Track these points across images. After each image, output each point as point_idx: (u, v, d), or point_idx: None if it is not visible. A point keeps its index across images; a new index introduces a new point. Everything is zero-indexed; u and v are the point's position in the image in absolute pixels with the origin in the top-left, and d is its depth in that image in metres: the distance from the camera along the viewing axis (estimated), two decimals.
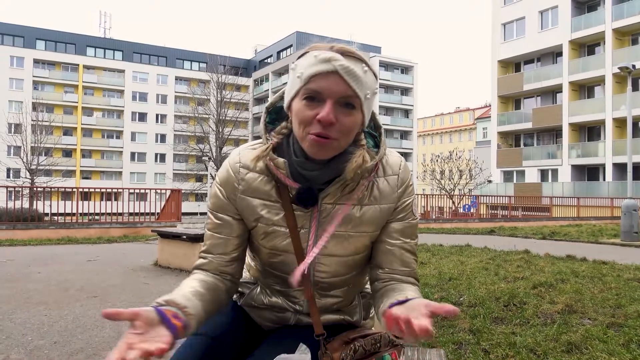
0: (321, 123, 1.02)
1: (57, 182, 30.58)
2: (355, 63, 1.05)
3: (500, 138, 36.96)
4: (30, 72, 53.83)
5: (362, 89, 1.05)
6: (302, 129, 1.05)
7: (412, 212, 1.21)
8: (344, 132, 1.05)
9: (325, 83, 1.03)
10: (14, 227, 11.70)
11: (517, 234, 13.91)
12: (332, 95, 1.03)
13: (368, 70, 1.08)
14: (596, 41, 31.62)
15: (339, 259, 1.17)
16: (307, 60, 1.06)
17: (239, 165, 1.17)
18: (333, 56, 1.03)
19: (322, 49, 1.06)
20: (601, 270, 6.33)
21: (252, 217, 1.17)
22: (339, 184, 1.11)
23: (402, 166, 1.20)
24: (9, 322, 3.95)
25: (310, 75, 1.03)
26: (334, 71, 1.02)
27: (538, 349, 3.12)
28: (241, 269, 1.27)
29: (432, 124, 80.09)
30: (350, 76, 1.03)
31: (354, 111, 1.06)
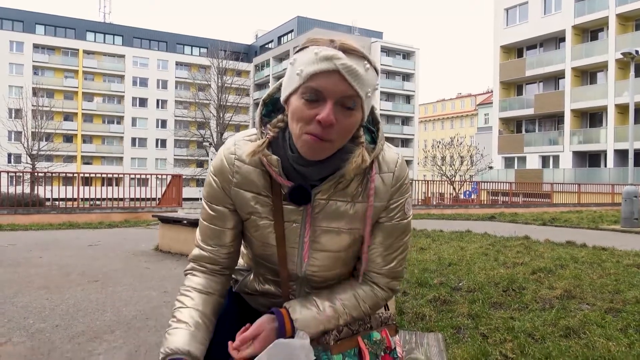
0: (321, 124, 0.99)
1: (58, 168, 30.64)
2: (357, 61, 1.01)
3: (501, 124, 36.84)
4: (30, 57, 53.58)
5: (363, 87, 1.02)
6: (300, 128, 1.02)
7: (403, 212, 1.19)
8: (343, 133, 1.03)
9: (326, 82, 0.99)
10: (15, 212, 11.73)
11: (518, 220, 13.92)
12: (333, 95, 1.00)
13: (370, 68, 1.04)
14: (600, 26, 31.37)
15: (330, 254, 1.17)
16: (307, 56, 1.01)
17: (234, 157, 1.15)
18: (335, 54, 0.99)
19: (322, 43, 1.02)
20: (601, 257, 6.35)
21: (246, 210, 1.17)
22: (333, 181, 1.10)
23: (398, 164, 1.17)
24: (10, 306, 3.98)
25: (311, 74, 1.00)
26: (336, 70, 0.99)
27: (536, 334, 3.14)
28: (237, 260, 1.27)
29: (433, 109, 79.81)
30: (352, 76, 0.99)
31: (354, 111, 1.03)
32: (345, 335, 1.16)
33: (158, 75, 59.37)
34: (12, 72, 52.49)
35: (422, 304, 3.89)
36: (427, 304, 3.90)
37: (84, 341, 3.16)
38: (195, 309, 1.14)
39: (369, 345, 1.17)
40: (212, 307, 1.18)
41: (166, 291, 4.58)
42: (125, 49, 58.36)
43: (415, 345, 1.66)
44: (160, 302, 4.19)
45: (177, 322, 1.12)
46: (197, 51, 61.89)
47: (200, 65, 56.14)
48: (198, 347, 1.09)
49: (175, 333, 1.10)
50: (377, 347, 1.18)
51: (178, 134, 55.26)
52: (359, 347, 1.16)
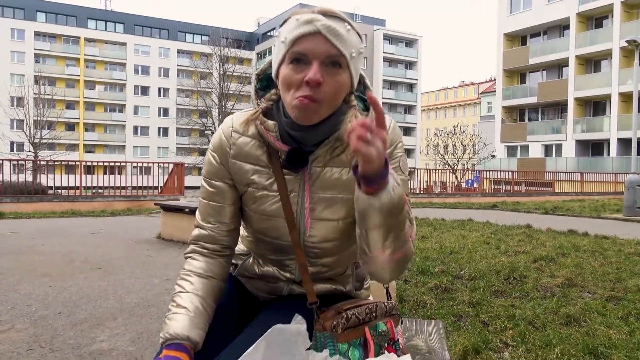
0: (309, 84, 1.02)
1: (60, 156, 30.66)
2: (338, 22, 1.05)
3: (504, 112, 36.70)
4: (32, 44, 53.40)
5: (346, 47, 1.05)
6: (289, 94, 1.06)
7: (399, 168, 1.17)
8: (332, 93, 1.05)
9: (310, 44, 1.03)
10: (18, 200, 11.77)
11: (520, 208, 13.93)
12: (318, 55, 1.03)
13: (351, 30, 1.07)
14: (604, 14, 31.10)
15: (328, 223, 1.16)
16: (290, 24, 1.06)
17: (231, 129, 1.18)
18: (315, 17, 1.04)
19: (303, 12, 1.06)
20: (602, 245, 6.36)
21: (243, 181, 1.18)
22: (328, 146, 1.11)
23: (391, 127, 1.17)
24: (14, 293, 4.01)
25: (294, 39, 1.03)
26: (317, 31, 1.02)
27: (537, 322, 3.15)
28: (237, 239, 1.27)
29: (436, 98, 79.50)
30: (334, 35, 1.03)
31: (340, 70, 1.05)
32: (353, 325, 1.16)
33: (160, 63, 59.18)
34: (13, 60, 52.34)
35: (423, 291, 3.90)
36: (428, 291, 3.91)
37: (86, 328, 3.18)
38: (195, 294, 1.15)
39: (374, 336, 1.17)
40: (212, 292, 1.18)
41: (168, 279, 4.60)
42: (126, 36, 58.12)
43: (416, 332, 1.66)
44: (162, 289, 4.21)
45: (176, 307, 1.13)
46: (198, 39, 61.60)
47: (202, 53, 55.89)
48: (197, 332, 1.10)
49: (174, 318, 1.10)
50: (382, 339, 1.19)
51: (180, 122, 55.18)
52: (365, 338, 1.17)
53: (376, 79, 56.33)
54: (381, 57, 56.85)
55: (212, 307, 1.17)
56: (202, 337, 1.11)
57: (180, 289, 1.16)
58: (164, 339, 1.08)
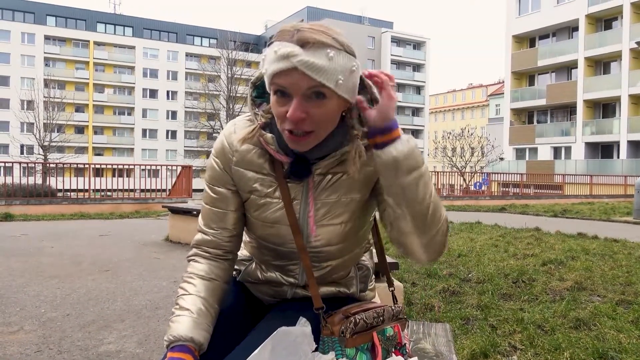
0: (291, 121, 1.00)
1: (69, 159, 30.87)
2: (317, 52, 0.98)
3: (513, 115, 36.52)
4: (42, 48, 53.87)
5: (329, 77, 0.98)
6: (279, 124, 1.05)
7: None
8: (320, 123, 1.03)
9: (288, 81, 0.99)
10: (27, 203, 11.87)
11: (529, 211, 13.84)
12: (297, 91, 0.99)
13: (335, 54, 0.99)
14: (613, 15, 30.88)
15: (331, 227, 1.16)
16: (270, 55, 1.01)
17: (234, 136, 1.17)
18: (291, 51, 0.97)
19: (285, 38, 1.00)
20: (612, 248, 6.30)
21: (246, 189, 1.18)
22: (334, 159, 1.11)
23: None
24: (23, 295, 4.03)
25: (272, 74, 1.00)
26: (294, 67, 0.97)
27: (546, 325, 3.12)
28: (239, 244, 1.27)
29: (444, 100, 79.27)
30: (312, 70, 0.97)
31: (325, 100, 1.01)
32: (361, 329, 1.16)
33: (168, 67, 59.49)
34: (24, 64, 52.81)
35: (431, 294, 3.88)
36: (436, 294, 3.89)
37: (94, 330, 3.19)
38: (197, 296, 1.15)
39: (382, 341, 1.17)
40: (215, 294, 1.18)
41: (176, 281, 4.61)
42: (135, 40, 58.49)
43: (423, 335, 1.65)
44: (169, 291, 4.22)
45: (180, 309, 1.13)
46: (206, 42, 61.87)
47: (210, 56, 56.11)
48: (201, 334, 1.10)
49: (178, 320, 1.10)
50: (390, 343, 1.19)
51: (188, 125, 55.39)
52: (373, 342, 1.16)
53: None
54: (389, 59, 56.82)
55: (215, 308, 1.17)
56: (207, 339, 1.11)
57: (183, 292, 1.16)
58: (168, 341, 1.08)
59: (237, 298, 1.30)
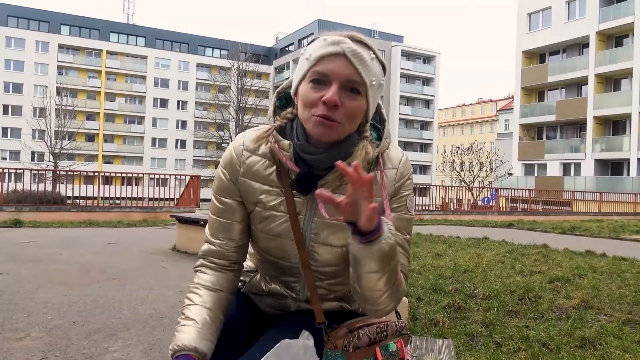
0: (326, 105, 1.04)
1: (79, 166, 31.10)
2: (363, 49, 1.07)
3: (522, 130, 36.43)
4: (55, 57, 54.56)
5: (368, 74, 1.07)
6: (307, 111, 1.08)
7: (406, 207, 1.20)
8: (348, 116, 1.07)
9: (333, 65, 1.05)
10: (37, 209, 11.97)
11: (537, 228, 13.75)
12: (339, 77, 1.05)
13: (375, 59, 1.09)
14: (625, 32, 30.85)
15: (332, 248, 1.18)
16: (317, 43, 1.09)
17: (242, 147, 1.19)
18: (342, 40, 1.06)
19: (332, 34, 1.09)
20: (620, 267, 6.25)
21: (252, 200, 1.20)
22: (338, 172, 1.11)
23: (402, 161, 1.20)
24: (30, 301, 4.06)
25: (319, 57, 1.06)
26: (342, 53, 1.05)
27: (551, 344, 3.10)
28: (245, 255, 1.29)
29: (453, 114, 79.23)
30: (358, 59, 1.05)
31: (359, 96, 1.07)
32: (364, 344, 1.17)
33: (179, 77, 59.98)
34: (37, 72, 53.49)
35: (436, 310, 3.87)
36: (441, 310, 3.88)
37: (100, 338, 3.21)
38: (203, 306, 1.16)
39: (385, 356, 1.18)
40: (220, 304, 1.20)
41: (182, 291, 4.63)
42: (147, 50, 59.10)
43: (426, 351, 1.66)
44: (176, 301, 4.24)
45: (185, 319, 1.15)
46: (217, 53, 62.36)
47: (221, 67, 56.53)
48: (205, 344, 1.11)
49: (183, 330, 1.12)
50: (392, 359, 1.19)
51: (197, 135, 55.72)
52: (376, 357, 1.17)
53: (393, 95, 56.40)
54: (398, 73, 56.93)
55: (220, 319, 1.19)
56: (211, 349, 1.13)
57: (189, 302, 1.18)
58: (172, 350, 1.10)
59: (241, 310, 1.32)
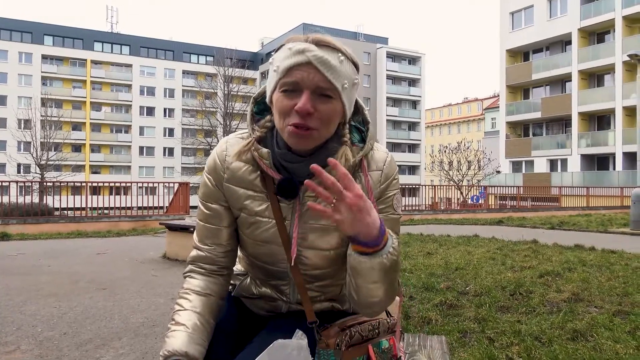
0: (299, 113, 1.03)
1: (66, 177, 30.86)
2: (330, 53, 1.05)
3: (508, 128, 36.73)
4: (39, 67, 54.12)
5: (338, 78, 1.05)
6: (282, 121, 1.07)
7: (392, 207, 1.20)
8: (324, 120, 1.06)
9: (301, 74, 1.04)
10: (24, 222, 11.83)
11: (526, 224, 13.85)
12: (308, 85, 1.04)
13: (345, 60, 1.07)
14: (606, 29, 31.27)
15: (319, 252, 1.18)
16: (283, 53, 1.07)
17: (225, 154, 1.19)
18: (307, 47, 1.04)
19: (297, 40, 1.07)
20: (609, 259, 6.32)
21: (237, 206, 1.19)
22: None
23: (387, 162, 1.19)
24: (19, 314, 4.01)
25: (286, 68, 1.05)
26: (308, 62, 1.03)
27: (543, 337, 3.12)
28: (234, 260, 1.29)
29: (440, 114, 79.70)
30: (325, 66, 1.04)
31: (332, 100, 1.06)
32: (356, 342, 1.17)
33: (165, 84, 59.75)
34: (21, 83, 53.02)
35: (428, 308, 3.88)
36: (433, 308, 3.89)
37: (91, 348, 3.18)
38: (193, 311, 1.16)
39: (377, 353, 1.18)
40: (210, 309, 1.19)
41: (173, 298, 4.59)
42: (132, 58, 58.82)
43: (419, 347, 1.66)
44: (167, 309, 4.21)
45: (175, 324, 1.14)
46: (203, 59, 62.25)
47: (207, 74, 56.43)
48: (196, 348, 1.11)
49: (173, 335, 1.12)
50: (385, 356, 1.20)
51: (185, 142, 55.55)
52: (368, 355, 1.18)
53: (380, 97, 56.62)
54: (384, 74, 57.18)
55: (210, 323, 1.18)
56: (202, 353, 1.12)
57: (179, 307, 1.18)
58: (163, 356, 1.09)
59: (232, 312, 1.32)
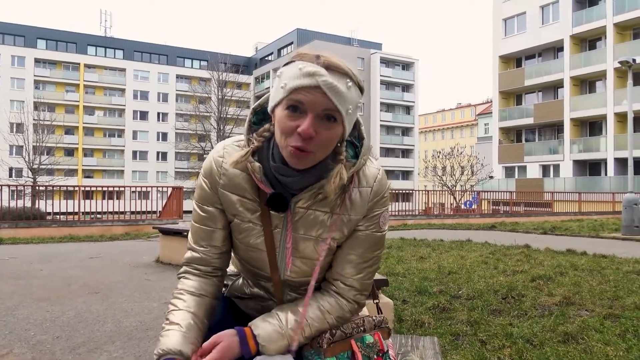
0: (301, 136, 1.04)
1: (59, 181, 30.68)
2: (339, 78, 1.06)
3: (501, 134, 36.92)
4: (32, 71, 53.92)
5: (344, 104, 1.06)
6: (284, 139, 1.08)
7: (378, 224, 1.22)
8: (323, 145, 1.08)
9: (308, 97, 1.04)
10: (16, 226, 11.76)
11: (518, 229, 13.92)
12: (314, 109, 1.05)
13: (352, 86, 1.08)
14: (597, 36, 31.55)
15: (308, 261, 1.21)
16: (292, 70, 1.07)
17: (222, 160, 1.20)
18: (317, 71, 1.04)
19: (307, 59, 1.07)
20: (600, 264, 6.36)
21: (230, 211, 1.21)
22: (312, 192, 1.14)
23: (377, 179, 1.21)
24: (12, 318, 3.99)
25: (293, 88, 1.05)
26: (317, 86, 1.04)
27: (534, 340, 3.15)
28: (228, 261, 1.31)
29: (433, 120, 80.00)
30: (333, 92, 1.04)
31: (334, 124, 1.07)
32: (339, 339, 1.19)
33: (159, 89, 59.69)
34: (13, 87, 52.78)
35: (421, 311, 3.90)
36: (426, 311, 3.91)
37: (84, 352, 3.17)
38: (187, 311, 1.17)
39: (362, 348, 1.20)
40: (204, 309, 1.21)
41: (167, 302, 4.56)
42: (126, 62, 58.72)
43: (411, 348, 1.68)
44: (160, 313, 4.20)
45: (169, 324, 1.16)
46: (197, 64, 62.25)
47: (201, 78, 56.42)
48: (190, 347, 1.12)
49: (167, 334, 1.13)
50: (370, 350, 1.20)
51: (179, 146, 55.42)
52: (352, 350, 1.19)
53: (373, 102, 56.76)
54: (378, 80, 57.34)
55: (204, 323, 1.20)
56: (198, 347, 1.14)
57: (173, 307, 1.19)
58: (157, 355, 1.10)
59: (225, 314, 1.33)
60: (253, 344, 1.13)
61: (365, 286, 1.26)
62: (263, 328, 1.15)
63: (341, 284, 1.23)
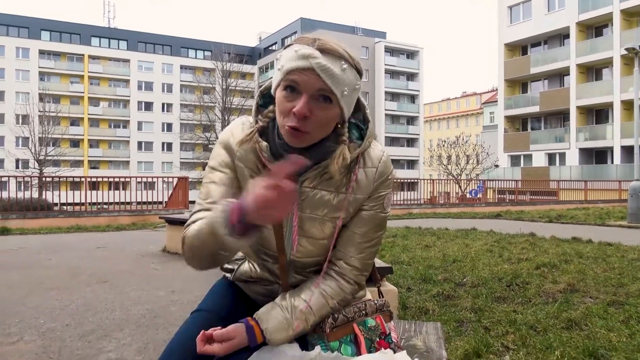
0: (296, 116, 1.08)
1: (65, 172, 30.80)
2: (334, 61, 1.09)
3: (507, 122, 36.75)
4: (36, 63, 53.95)
5: (338, 86, 1.09)
6: (282, 119, 1.12)
7: (382, 205, 1.25)
8: (319, 124, 1.11)
9: (302, 78, 1.08)
10: (24, 217, 11.86)
11: (524, 217, 13.92)
12: (308, 90, 1.08)
13: (348, 68, 1.11)
14: (604, 22, 31.23)
15: (314, 241, 1.23)
16: (289, 53, 1.11)
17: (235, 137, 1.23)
18: (311, 53, 1.08)
19: (305, 42, 1.11)
20: (606, 252, 6.38)
21: (242, 183, 1.23)
22: (318, 171, 1.17)
23: (382, 160, 1.23)
24: (22, 307, 4.05)
25: (289, 70, 1.09)
26: (311, 68, 1.07)
27: (538, 326, 3.18)
28: None
29: (438, 109, 79.65)
30: (326, 74, 1.07)
31: (330, 105, 1.10)
32: (341, 323, 1.22)
33: (163, 79, 59.64)
34: (18, 79, 52.85)
35: (425, 298, 3.94)
36: (430, 299, 3.94)
37: (93, 339, 3.22)
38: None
39: (364, 331, 1.22)
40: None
41: (174, 291, 4.64)
42: (130, 53, 58.67)
43: (414, 333, 1.70)
44: (168, 301, 4.25)
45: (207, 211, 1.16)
46: (201, 54, 62.09)
47: (205, 68, 56.27)
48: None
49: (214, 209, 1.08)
50: (372, 333, 1.23)
51: (184, 137, 55.43)
52: (355, 334, 1.22)
53: (378, 91, 56.54)
54: (383, 69, 57.05)
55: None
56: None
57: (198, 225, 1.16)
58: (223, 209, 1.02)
59: (232, 298, 1.35)
60: (260, 338, 1.16)
61: (367, 266, 1.28)
62: (269, 322, 1.17)
63: (344, 263, 1.25)
